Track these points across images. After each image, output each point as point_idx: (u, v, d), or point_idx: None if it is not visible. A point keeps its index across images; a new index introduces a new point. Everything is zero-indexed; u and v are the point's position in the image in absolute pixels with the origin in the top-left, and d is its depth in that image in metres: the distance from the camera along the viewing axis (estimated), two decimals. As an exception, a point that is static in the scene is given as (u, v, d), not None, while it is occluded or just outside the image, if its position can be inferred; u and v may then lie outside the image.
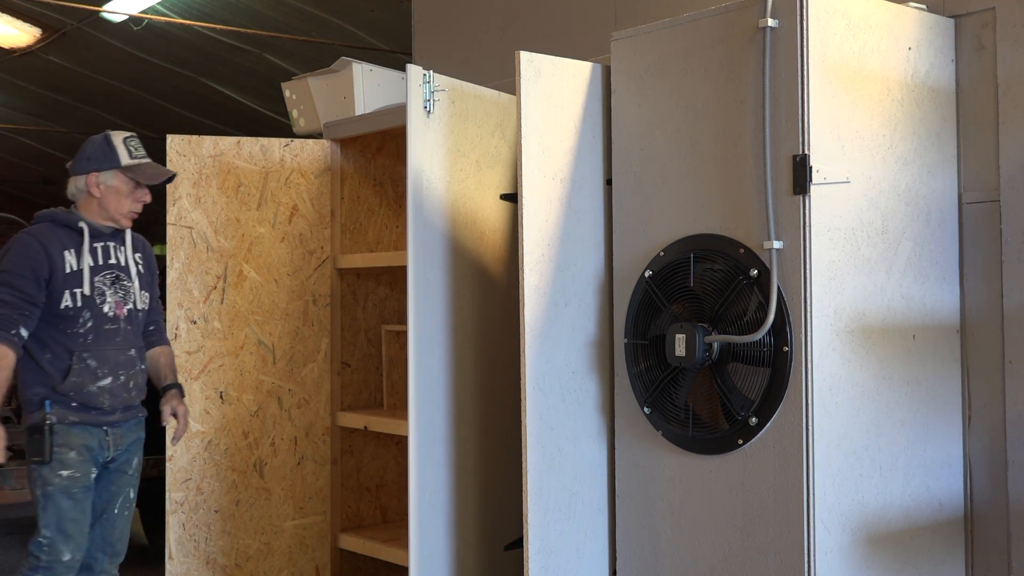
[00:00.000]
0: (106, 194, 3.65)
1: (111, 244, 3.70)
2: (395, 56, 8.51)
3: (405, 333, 4.67)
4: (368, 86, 4.77)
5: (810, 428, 2.79)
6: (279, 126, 10.21)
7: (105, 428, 3.63)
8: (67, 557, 3.57)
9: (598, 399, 3.32)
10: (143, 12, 8.91)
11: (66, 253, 3.59)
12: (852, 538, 2.88)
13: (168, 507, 4.33)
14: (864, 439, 2.92)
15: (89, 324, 3.60)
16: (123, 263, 3.72)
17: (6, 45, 10.55)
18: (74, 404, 3.57)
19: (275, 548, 4.47)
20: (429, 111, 3.48)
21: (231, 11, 8.77)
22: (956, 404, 3.17)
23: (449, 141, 3.55)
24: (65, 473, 3.55)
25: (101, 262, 3.66)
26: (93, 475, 3.63)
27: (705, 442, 3.02)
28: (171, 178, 3.81)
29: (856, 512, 2.89)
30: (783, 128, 2.83)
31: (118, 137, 3.70)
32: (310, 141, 4.61)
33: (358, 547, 4.43)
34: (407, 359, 3.43)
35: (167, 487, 4.33)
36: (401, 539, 4.37)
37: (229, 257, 4.43)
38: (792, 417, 2.82)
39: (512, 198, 3.71)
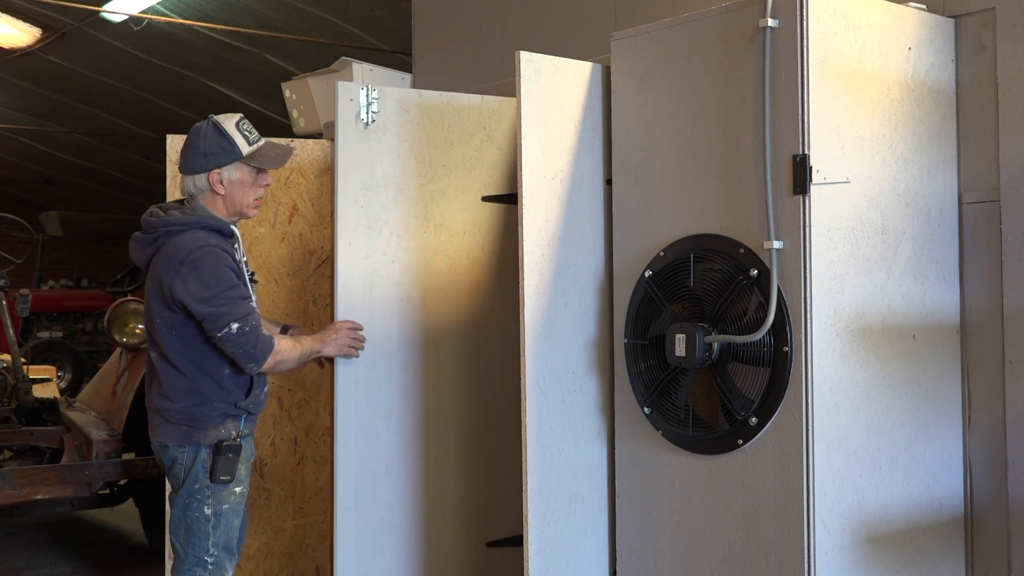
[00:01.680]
0: (231, 189, 3.34)
1: (238, 242, 3.43)
2: (395, 56, 8.51)
3: (405, 333, 4.67)
4: (368, 86, 4.77)
5: (810, 428, 2.79)
6: (279, 126, 10.22)
7: (252, 435, 3.48)
8: (229, 574, 3.41)
9: (598, 399, 3.32)
10: (143, 12, 8.92)
11: (234, 256, 3.33)
12: (852, 538, 2.88)
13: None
14: (864, 439, 2.92)
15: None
16: (247, 259, 3.50)
17: (6, 45, 10.55)
18: (247, 416, 3.39)
19: (275, 548, 4.46)
20: (367, 122, 3.56)
21: (231, 11, 8.77)
22: (956, 404, 3.17)
23: (402, 148, 3.61)
24: (239, 490, 3.36)
25: (244, 260, 3.42)
26: None
27: (705, 442, 3.02)
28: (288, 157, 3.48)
29: (856, 512, 2.89)
30: (783, 128, 2.83)
31: (230, 124, 3.35)
32: (310, 141, 4.61)
33: (358, 547, 4.43)
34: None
35: (167, 487, 4.32)
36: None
37: (229, 257, 4.42)
38: (792, 417, 2.82)
39: (496, 199, 3.72)
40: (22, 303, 7.13)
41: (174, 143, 4.39)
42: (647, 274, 3.17)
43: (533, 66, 3.20)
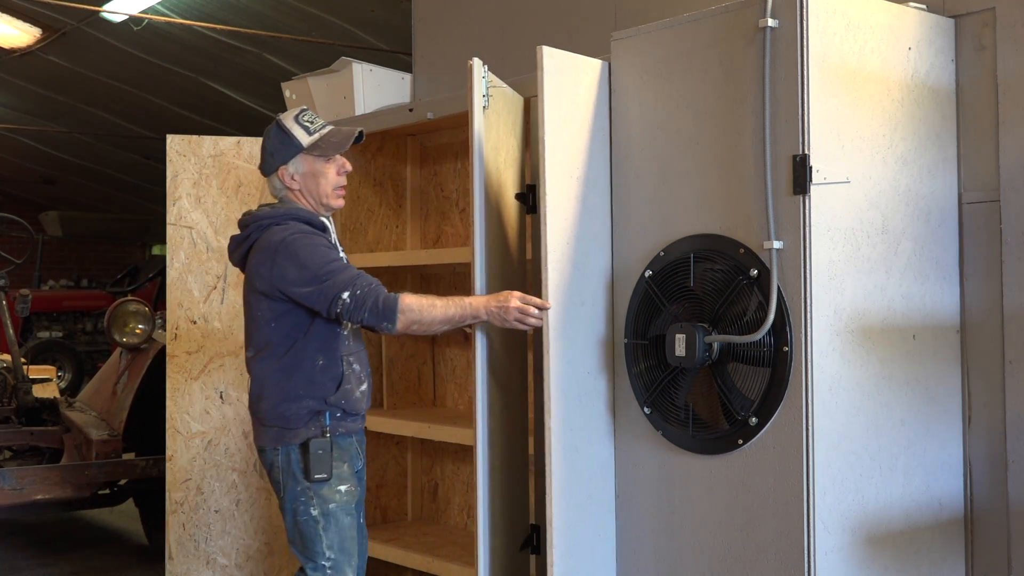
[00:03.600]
0: (304, 181, 3.29)
1: (332, 235, 3.35)
2: (395, 56, 8.51)
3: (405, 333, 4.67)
4: (368, 86, 4.77)
5: (810, 428, 2.79)
6: (279, 126, 10.20)
7: (356, 437, 3.32)
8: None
9: (607, 399, 3.32)
10: (143, 12, 8.92)
11: None
12: (852, 538, 2.88)
13: (168, 507, 4.33)
14: (864, 439, 2.92)
15: (349, 324, 3.26)
16: (344, 255, 3.37)
17: (6, 45, 10.56)
18: (339, 414, 3.23)
19: (275, 548, 4.46)
20: (485, 107, 3.38)
21: (231, 11, 8.78)
22: (956, 404, 3.17)
23: (490, 140, 3.47)
24: (343, 488, 3.23)
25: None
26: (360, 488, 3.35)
27: (705, 442, 3.02)
28: (360, 136, 3.36)
29: (856, 512, 2.89)
30: (783, 128, 2.83)
31: (289, 118, 3.32)
32: (310, 141, 4.60)
33: (358, 547, 4.43)
34: (405, 360, 3.43)
35: (167, 487, 4.33)
36: (401, 539, 4.37)
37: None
38: (792, 417, 2.82)
39: (522, 198, 3.68)
40: (22, 303, 7.13)
41: (174, 143, 4.39)
42: (647, 274, 3.17)
43: (554, 62, 3.18)
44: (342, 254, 3.32)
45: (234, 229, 4.44)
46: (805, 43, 2.81)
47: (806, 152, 2.79)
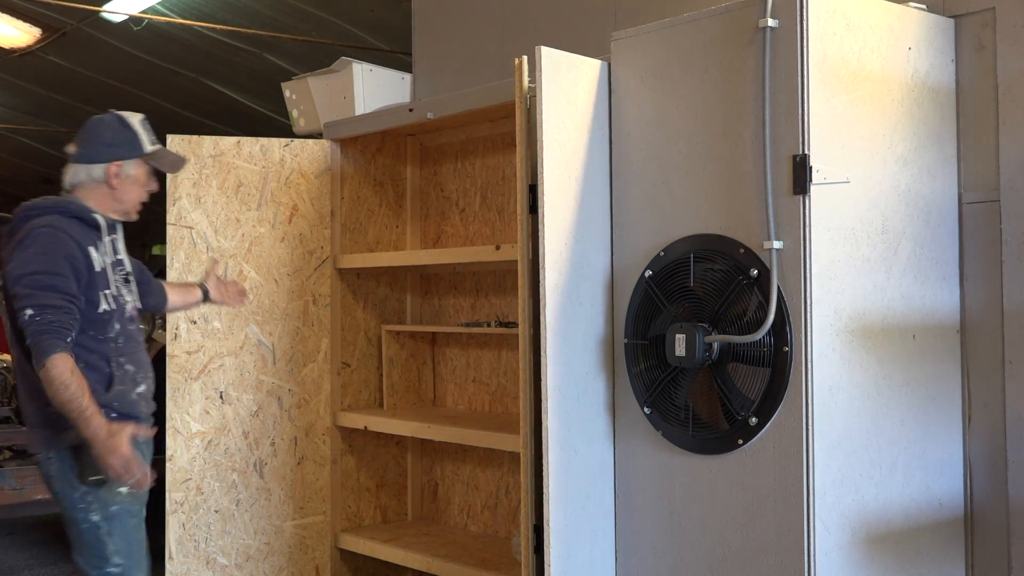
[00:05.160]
0: (125, 184, 3.25)
1: (115, 238, 3.29)
2: (395, 56, 8.51)
3: (405, 333, 4.68)
4: (368, 86, 4.77)
5: (810, 428, 2.79)
6: (279, 126, 10.21)
7: (135, 439, 3.16)
8: None
9: (606, 399, 3.32)
10: (143, 12, 8.92)
11: (90, 249, 3.14)
12: (852, 538, 2.88)
13: (168, 507, 4.32)
14: (864, 439, 2.92)
15: (118, 327, 3.19)
16: (124, 258, 3.32)
17: (6, 45, 10.55)
18: (114, 415, 3.11)
19: (275, 548, 4.46)
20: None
21: (231, 11, 8.77)
22: (956, 404, 3.17)
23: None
24: (124, 489, 3.13)
25: (113, 259, 3.25)
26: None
27: (705, 442, 3.02)
28: (183, 165, 3.45)
29: (856, 512, 2.89)
30: (783, 128, 2.83)
31: (135, 119, 3.31)
32: (310, 141, 4.61)
33: (358, 547, 4.43)
34: (405, 360, 3.43)
35: (167, 487, 4.32)
36: (401, 539, 4.37)
37: (229, 257, 4.43)
38: (792, 417, 2.82)
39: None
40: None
41: (174, 143, 4.39)
42: (647, 274, 3.17)
43: (552, 62, 3.19)
44: (122, 256, 3.28)
45: (235, 229, 4.45)
46: (805, 43, 2.81)
47: (806, 152, 2.79)
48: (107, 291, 3.18)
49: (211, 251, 4.40)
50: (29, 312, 2.98)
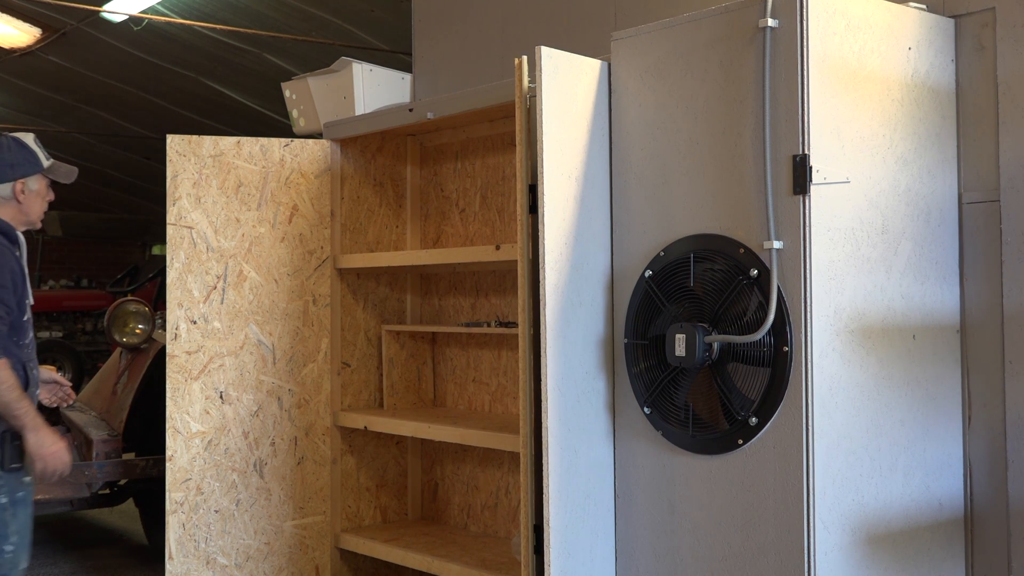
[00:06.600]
0: (29, 198, 3.62)
1: (22, 250, 3.64)
2: (395, 56, 8.51)
3: (405, 333, 4.68)
4: (368, 86, 4.77)
5: (810, 428, 2.79)
6: (279, 126, 10.22)
7: None
8: (23, 566, 3.49)
9: (606, 399, 3.32)
10: (143, 12, 8.92)
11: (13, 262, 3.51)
12: (852, 538, 2.88)
13: (168, 507, 4.32)
14: (864, 439, 2.92)
15: (31, 334, 3.57)
16: (26, 267, 3.66)
17: (6, 45, 10.56)
18: None
19: (275, 548, 4.46)
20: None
21: (231, 11, 8.78)
22: (956, 404, 3.17)
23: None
24: (27, 480, 3.48)
25: (26, 269, 3.62)
26: None
27: (705, 442, 3.02)
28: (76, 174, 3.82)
29: (856, 512, 2.89)
30: (783, 128, 2.83)
31: (29, 138, 3.68)
32: (310, 141, 4.61)
33: (358, 547, 4.43)
34: (405, 360, 3.43)
35: (167, 487, 4.32)
36: (401, 539, 4.37)
37: (229, 257, 4.43)
38: (792, 417, 2.82)
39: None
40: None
41: (174, 143, 4.39)
42: (647, 274, 3.17)
43: (552, 62, 3.19)
44: (23, 265, 3.62)
45: (235, 229, 4.45)
46: (805, 43, 2.81)
47: (806, 152, 2.79)
48: (27, 300, 3.55)
49: (211, 251, 4.40)
50: None
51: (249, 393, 4.44)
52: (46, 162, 3.66)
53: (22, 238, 3.60)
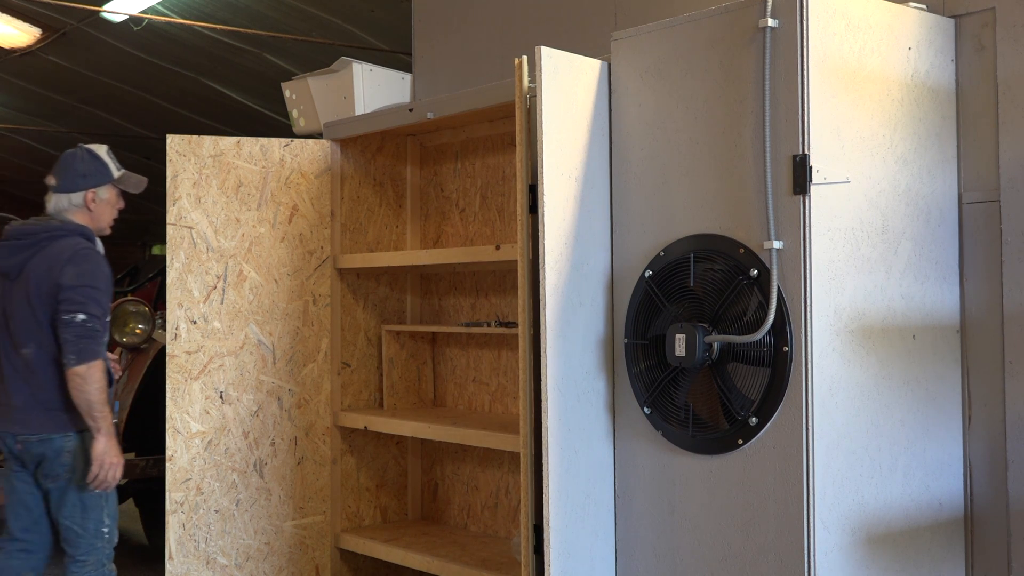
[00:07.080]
0: (100, 207, 3.88)
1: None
2: (395, 56, 8.51)
3: (405, 333, 4.68)
4: (368, 86, 4.77)
5: (810, 428, 2.79)
6: (279, 126, 10.21)
7: None
8: (116, 542, 3.92)
9: (606, 399, 3.32)
10: (143, 12, 8.92)
11: None
12: (852, 538, 2.88)
13: (168, 507, 4.33)
14: (864, 439, 2.92)
15: (107, 336, 3.79)
16: None
17: (6, 45, 10.55)
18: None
19: (275, 548, 4.46)
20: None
21: (231, 11, 8.77)
22: (956, 404, 3.17)
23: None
24: None
25: None
26: None
27: (705, 442, 3.02)
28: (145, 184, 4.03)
29: (856, 512, 2.89)
30: (783, 128, 2.83)
31: (101, 150, 3.90)
32: (310, 141, 4.61)
33: (358, 547, 4.43)
34: (405, 360, 3.43)
35: (167, 487, 4.32)
36: (401, 539, 4.37)
37: (229, 257, 4.43)
38: (792, 417, 2.82)
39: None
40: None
41: (174, 143, 4.39)
42: (647, 274, 3.17)
43: (552, 62, 3.19)
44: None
45: (235, 229, 4.45)
46: (805, 43, 2.81)
47: (806, 152, 2.79)
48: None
49: (211, 251, 4.40)
50: (82, 317, 3.62)
51: (249, 393, 4.44)
52: (117, 173, 3.91)
53: (100, 244, 3.85)
